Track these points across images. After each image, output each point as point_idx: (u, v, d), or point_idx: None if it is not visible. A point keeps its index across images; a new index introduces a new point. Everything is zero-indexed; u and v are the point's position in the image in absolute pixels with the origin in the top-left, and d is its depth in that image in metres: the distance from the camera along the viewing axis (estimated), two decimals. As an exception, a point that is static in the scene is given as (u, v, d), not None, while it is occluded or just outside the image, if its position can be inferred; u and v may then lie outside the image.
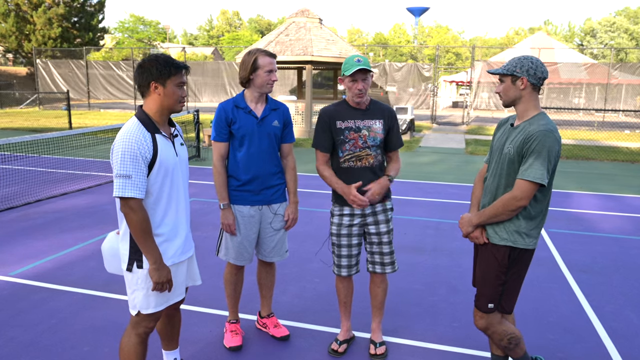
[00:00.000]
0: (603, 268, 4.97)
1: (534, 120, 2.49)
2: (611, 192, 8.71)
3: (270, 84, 3.10)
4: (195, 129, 11.34)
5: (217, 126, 3.13)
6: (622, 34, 49.85)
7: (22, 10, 32.09)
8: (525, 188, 2.43)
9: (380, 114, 3.12)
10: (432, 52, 58.86)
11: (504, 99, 2.60)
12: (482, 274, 2.66)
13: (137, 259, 2.39)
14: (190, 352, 3.26)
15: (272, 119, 3.18)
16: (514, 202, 2.46)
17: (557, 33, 62.85)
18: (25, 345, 3.30)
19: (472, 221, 2.66)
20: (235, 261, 3.23)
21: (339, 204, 3.18)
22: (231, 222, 3.12)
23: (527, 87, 2.51)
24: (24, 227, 5.93)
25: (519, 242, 2.54)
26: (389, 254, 3.19)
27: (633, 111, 14.38)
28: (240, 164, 3.13)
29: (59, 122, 19.34)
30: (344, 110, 3.11)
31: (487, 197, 2.67)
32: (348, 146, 3.08)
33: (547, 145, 2.40)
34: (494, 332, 2.67)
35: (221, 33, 73.34)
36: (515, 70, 2.51)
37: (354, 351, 3.33)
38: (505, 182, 2.56)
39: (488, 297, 2.62)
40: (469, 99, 23.08)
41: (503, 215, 2.51)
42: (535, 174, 2.41)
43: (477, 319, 2.69)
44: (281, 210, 3.29)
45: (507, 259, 2.56)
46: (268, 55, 3.08)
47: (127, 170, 2.25)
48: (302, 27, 15.56)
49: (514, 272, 2.59)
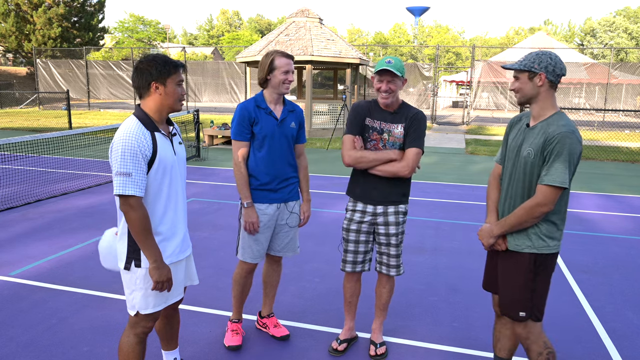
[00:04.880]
0: (603, 268, 4.96)
1: (553, 121, 2.38)
2: (611, 192, 8.70)
3: (286, 84, 3.12)
4: (195, 129, 11.33)
5: (240, 126, 3.13)
6: (622, 34, 49.84)
7: (22, 10, 32.08)
8: (548, 194, 2.33)
9: (404, 118, 3.06)
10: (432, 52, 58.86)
11: (519, 96, 2.46)
12: (509, 283, 2.53)
13: (135, 258, 2.39)
14: (189, 352, 3.26)
15: (290, 121, 3.22)
16: (537, 208, 2.36)
17: (557, 33, 62.86)
18: (25, 345, 3.30)
19: (493, 232, 2.54)
20: (252, 260, 3.25)
21: (352, 199, 3.19)
22: (255, 220, 3.14)
23: (544, 84, 2.38)
24: (24, 227, 5.92)
25: (543, 247, 2.44)
26: (395, 257, 3.18)
27: (633, 111, 14.36)
28: (260, 165, 3.15)
29: (59, 122, 19.34)
30: (375, 109, 3.10)
31: (507, 202, 2.56)
32: (369, 145, 3.08)
33: (569, 147, 2.29)
34: (534, 343, 2.53)
35: (221, 33, 73.35)
36: (533, 66, 2.38)
37: (354, 351, 3.33)
38: (528, 187, 2.45)
39: (519, 305, 2.50)
40: (469, 99, 23.06)
41: (527, 223, 2.41)
42: (557, 178, 2.30)
43: (516, 326, 2.56)
44: (296, 208, 3.33)
45: (532, 265, 2.46)
46: (285, 56, 3.10)
47: (127, 168, 2.25)
48: (302, 26, 15.56)
49: (541, 278, 2.48)
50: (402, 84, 3.02)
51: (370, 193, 3.10)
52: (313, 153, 12.47)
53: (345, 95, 13.79)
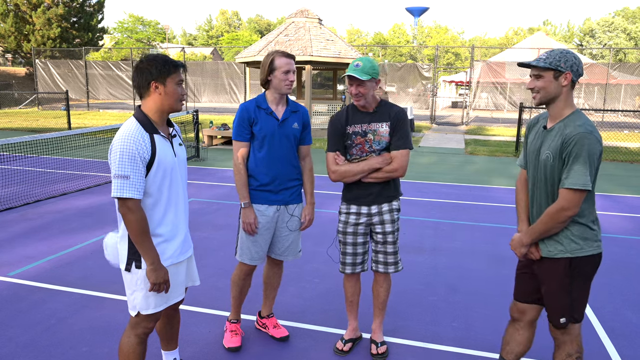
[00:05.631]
0: (602, 268, 4.97)
1: (569, 121, 2.31)
2: (610, 192, 8.71)
3: (287, 84, 3.10)
4: (194, 129, 11.33)
5: (239, 126, 3.13)
6: (621, 34, 49.90)
7: (21, 11, 32.06)
8: (570, 197, 2.26)
9: (387, 116, 3.07)
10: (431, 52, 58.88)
11: (542, 96, 2.35)
12: (547, 290, 2.48)
13: (135, 259, 2.39)
14: (189, 352, 3.26)
15: (292, 121, 3.19)
16: (562, 213, 2.29)
17: (556, 33, 62.91)
18: (24, 346, 3.29)
19: (523, 241, 2.49)
20: (251, 261, 3.23)
21: (346, 202, 3.20)
22: (252, 221, 3.12)
23: (568, 84, 2.31)
24: (23, 228, 5.92)
25: (577, 250, 2.36)
26: (393, 254, 3.19)
27: (632, 111, 14.37)
28: (260, 165, 3.14)
29: (58, 122, 19.32)
30: (353, 114, 3.11)
31: (535, 208, 2.50)
32: (355, 150, 3.09)
33: (587, 148, 2.22)
34: (566, 343, 2.49)
35: (220, 33, 73.32)
36: (560, 64, 2.29)
37: (355, 351, 3.32)
38: (551, 191, 2.39)
39: (558, 311, 2.45)
40: (468, 99, 23.08)
41: (554, 229, 2.35)
42: (578, 181, 2.23)
43: (552, 328, 2.53)
44: (297, 211, 3.30)
45: (568, 269, 2.39)
46: (285, 56, 3.09)
47: (125, 171, 2.25)
48: (302, 27, 15.56)
49: (579, 282, 2.41)
50: (374, 84, 3.01)
51: (364, 195, 3.12)
52: (312, 153, 12.47)
53: (344, 95, 13.80)
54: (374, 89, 3.03)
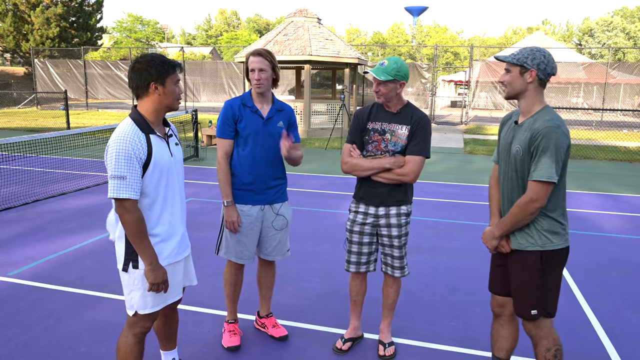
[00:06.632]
0: (601, 267, 4.97)
1: (539, 116, 2.39)
2: (609, 191, 8.72)
3: (255, 84, 3.07)
4: (193, 129, 11.32)
5: (223, 123, 3.12)
6: (620, 34, 49.92)
7: (20, 10, 32.00)
8: (538, 189, 2.34)
9: (409, 119, 3.04)
10: (430, 52, 58.89)
11: (508, 90, 2.46)
12: (517, 282, 2.53)
13: (132, 260, 2.38)
14: (188, 352, 3.25)
15: (277, 120, 3.18)
16: (530, 204, 2.37)
17: (555, 33, 62.92)
18: (23, 346, 3.29)
19: (494, 234, 2.55)
20: (237, 259, 3.22)
21: (356, 201, 3.20)
22: (235, 219, 3.11)
23: (534, 81, 2.39)
24: (22, 228, 5.91)
25: (547, 244, 2.43)
26: (399, 258, 3.17)
27: (631, 110, 14.37)
28: (244, 163, 3.12)
29: (57, 122, 19.29)
30: (377, 111, 3.11)
31: (506, 202, 2.57)
32: (371, 147, 3.09)
33: (554, 142, 2.30)
34: (543, 339, 2.54)
35: (219, 33, 73.27)
36: (527, 61, 2.38)
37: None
38: (520, 184, 2.46)
39: (529, 303, 2.50)
40: (468, 99, 23.08)
41: (523, 220, 2.42)
42: (545, 173, 2.32)
43: (524, 324, 2.57)
44: (283, 209, 3.28)
45: (539, 263, 2.45)
46: (254, 54, 3.06)
47: (122, 171, 2.24)
48: (301, 26, 15.55)
49: (550, 274, 2.47)
50: (398, 86, 2.98)
51: (372, 195, 3.10)
52: (312, 153, 12.47)
53: (343, 95, 13.78)
54: (398, 90, 3.00)
